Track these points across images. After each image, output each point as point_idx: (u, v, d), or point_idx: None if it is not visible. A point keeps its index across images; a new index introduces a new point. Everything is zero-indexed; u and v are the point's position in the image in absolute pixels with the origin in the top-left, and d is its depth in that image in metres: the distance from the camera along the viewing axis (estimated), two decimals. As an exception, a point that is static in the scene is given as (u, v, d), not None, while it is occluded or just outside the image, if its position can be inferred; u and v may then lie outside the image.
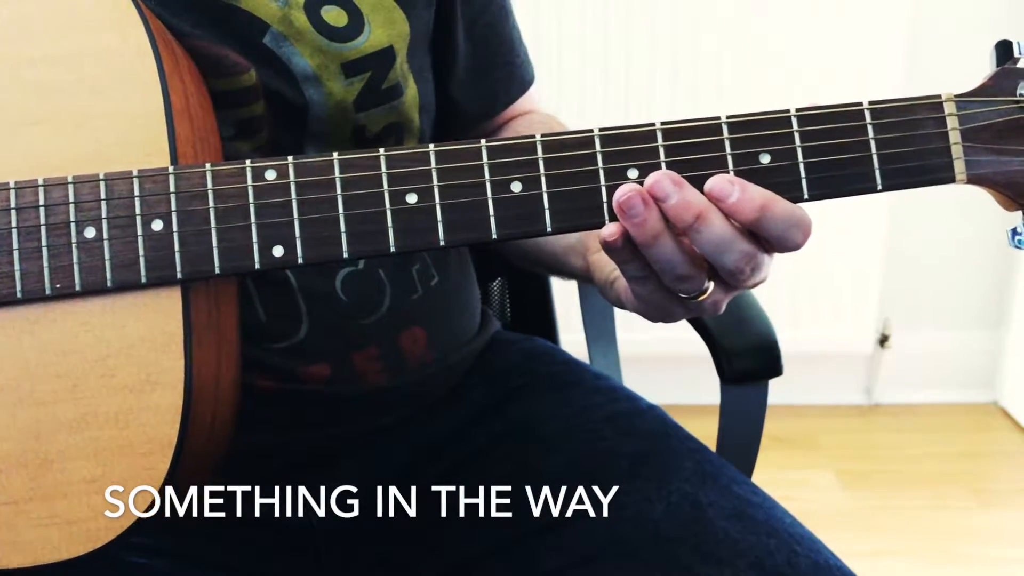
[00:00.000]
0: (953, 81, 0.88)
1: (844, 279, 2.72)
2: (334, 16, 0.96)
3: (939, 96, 0.81)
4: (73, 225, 0.78)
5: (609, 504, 0.97)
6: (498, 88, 1.17)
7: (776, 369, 1.19)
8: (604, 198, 0.79)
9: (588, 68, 2.59)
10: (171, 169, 0.79)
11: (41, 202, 0.78)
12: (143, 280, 0.78)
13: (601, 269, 0.93)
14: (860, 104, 0.80)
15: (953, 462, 2.68)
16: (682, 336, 1.27)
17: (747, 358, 1.19)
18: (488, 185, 0.78)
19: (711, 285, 0.81)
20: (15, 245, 0.78)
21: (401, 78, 1.01)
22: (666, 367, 2.45)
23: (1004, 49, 0.82)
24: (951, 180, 0.81)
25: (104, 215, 0.78)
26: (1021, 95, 0.81)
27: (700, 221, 0.77)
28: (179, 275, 0.78)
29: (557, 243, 1.02)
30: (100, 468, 0.78)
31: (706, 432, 1.15)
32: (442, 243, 0.78)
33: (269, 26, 0.93)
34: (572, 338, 1.42)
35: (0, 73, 0.81)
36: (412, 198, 0.78)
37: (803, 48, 2.56)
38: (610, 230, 0.77)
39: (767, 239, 0.79)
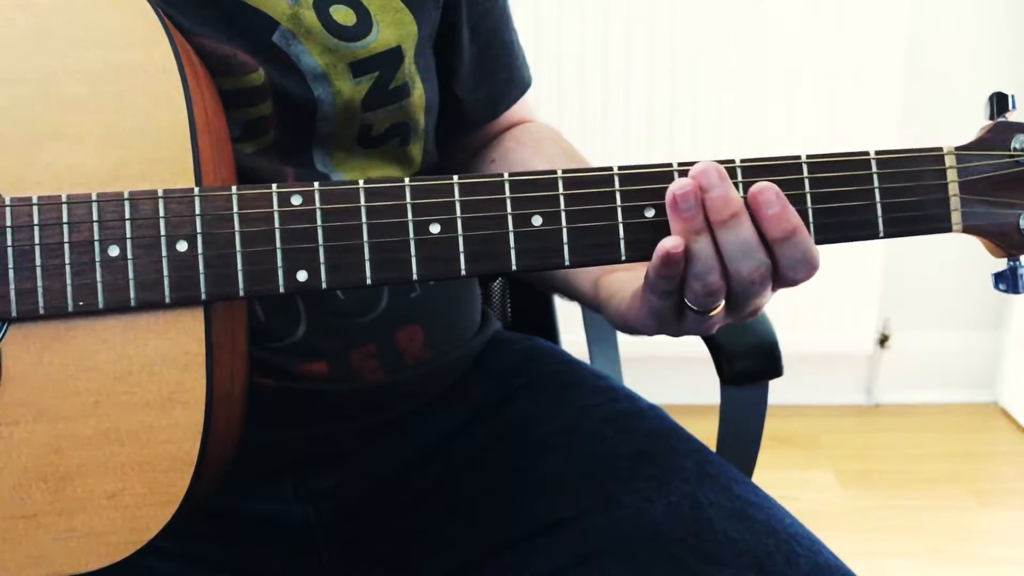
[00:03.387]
0: (953, 80, 0.88)
1: (845, 279, 2.72)
2: (343, 15, 0.96)
3: (940, 149, 0.84)
4: (97, 243, 0.78)
5: (610, 504, 0.97)
6: (501, 90, 1.17)
7: (776, 370, 1.20)
8: (621, 235, 0.81)
9: (588, 74, 2.58)
10: (197, 191, 0.79)
11: (64, 219, 0.78)
12: (167, 300, 0.78)
13: (608, 287, 0.95)
14: (867, 153, 0.83)
15: (953, 462, 2.68)
16: (684, 336, 1.27)
17: (747, 359, 1.20)
18: (510, 218, 0.79)
19: (723, 302, 0.83)
20: (38, 262, 0.78)
21: (408, 78, 1.01)
22: (666, 367, 2.45)
23: (999, 101, 0.85)
24: (948, 230, 0.85)
25: (128, 234, 0.78)
26: (1015, 149, 0.84)
27: (735, 219, 0.80)
28: (203, 296, 0.79)
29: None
30: (120, 484, 0.79)
31: (706, 432, 1.16)
32: (463, 273, 0.79)
33: (278, 24, 0.93)
34: (573, 338, 1.42)
35: (25, 87, 0.80)
36: (435, 228, 0.79)
37: (803, 50, 2.56)
38: (675, 241, 0.79)
39: (779, 265, 0.81)
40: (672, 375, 2.46)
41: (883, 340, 2.87)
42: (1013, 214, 0.84)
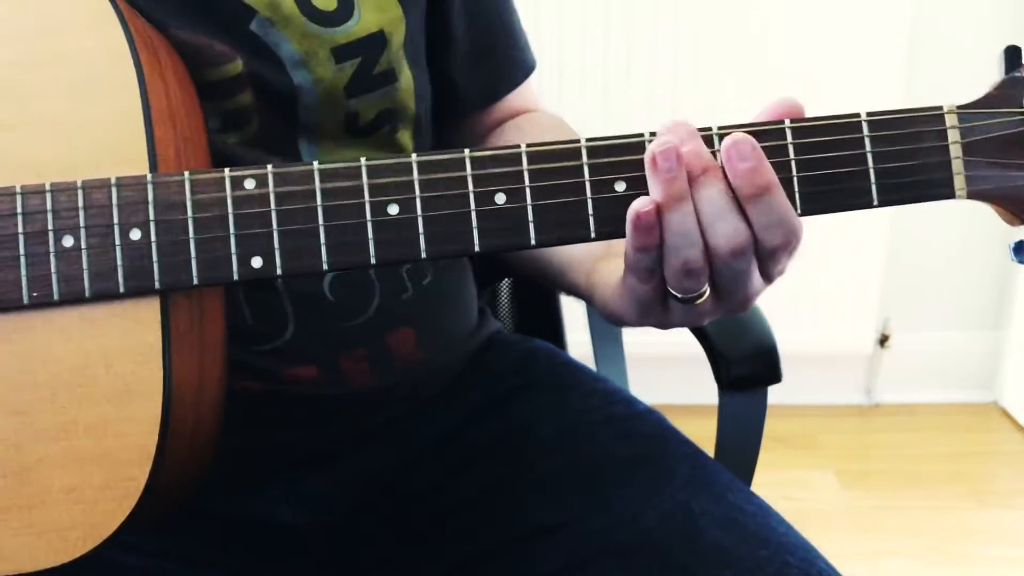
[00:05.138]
0: (954, 81, 0.85)
1: (844, 279, 2.72)
2: (323, 0, 0.95)
3: (940, 108, 0.78)
4: (51, 234, 0.77)
5: (603, 509, 0.96)
6: (500, 72, 1.15)
7: (775, 375, 1.18)
8: (590, 211, 0.77)
9: (588, 67, 2.58)
10: (149, 177, 0.77)
11: (18, 210, 0.77)
12: (121, 290, 0.77)
13: (598, 275, 0.92)
14: (858, 116, 0.78)
15: (953, 462, 2.68)
16: (687, 337, 1.25)
17: (746, 364, 1.18)
18: (471, 196, 0.77)
19: (707, 289, 0.78)
20: (-7, 254, 0.77)
21: (395, 64, 1.00)
22: (671, 367, 2.43)
23: (1012, 55, 0.79)
24: (951, 196, 0.78)
25: (82, 223, 0.77)
26: None
27: (705, 175, 0.75)
28: (157, 285, 0.77)
29: (561, 258, 1.01)
30: (79, 478, 0.78)
31: (709, 432, 1.15)
32: (424, 255, 0.77)
33: (256, 12, 0.92)
34: (579, 338, 1.41)
35: None
36: (394, 209, 0.77)
37: (805, 39, 2.56)
38: (643, 201, 0.75)
39: (754, 229, 0.76)
40: (676, 375, 2.44)
41: (883, 340, 2.86)
42: None
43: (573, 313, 1.41)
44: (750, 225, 0.76)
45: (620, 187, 0.77)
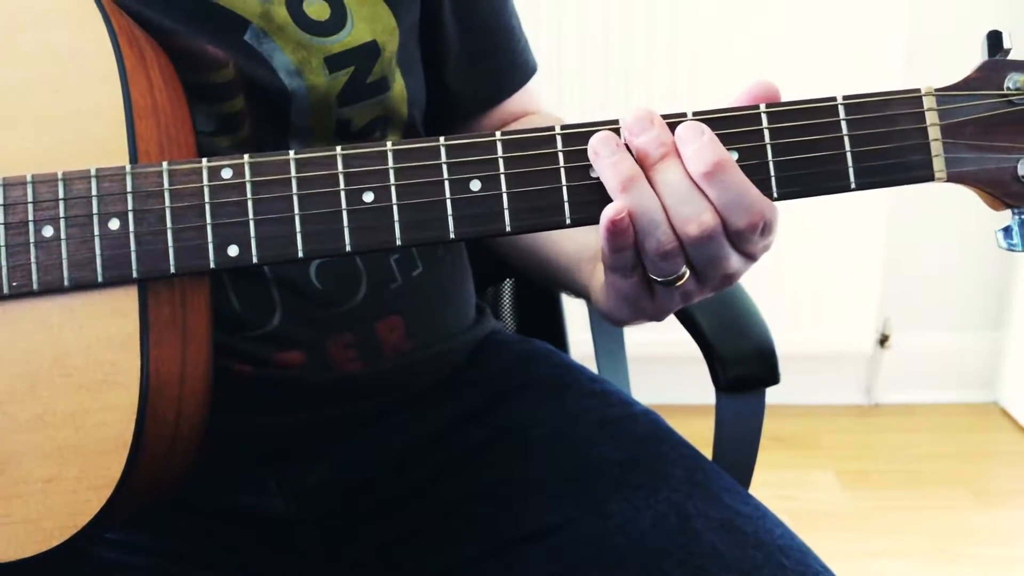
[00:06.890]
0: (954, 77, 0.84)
1: (844, 279, 2.71)
2: (316, 10, 0.95)
3: (918, 90, 0.78)
4: (31, 224, 0.78)
5: (597, 512, 0.96)
6: (501, 75, 1.15)
7: (774, 377, 1.16)
8: (565, 197, 0.78)
9: (588, 65, 2.58)
10: (128, 168, 0.78)
11: (0, 201, 0.78)
12: (99, 279, 0.78)
13: (593, 277, 0.93)
14: (834, 99, 0.78)
15: (953, 462, 2.67)
16: (687, 337, 1.24)
17: (743, 365, 1.16)
18: (446, 184, 0.77)
19: (687, 271, 0.79)
20: (-26, 244, 0.78)
21: (388, 72, 1.00)
22: (671, 367, 2.43)
23: (994, 39, 0.79)
24: (929, 179, 0.78)
25: (62, 214, 0.78)
26: (1009, 88, 0.77)
27: (664, 160, 0.76)
28: (135, 274, 0.78)
29: (568, 257, 1.01)
30: (56, 468, 0.78)
31: (710, 433, 1.15)
32: (399, 243, 0.77)
33: (249, 23, 0.93)
34: (581, 338, 1.41)
35: None
36: (369, 197, 0.77)
37: (803, 42, 2.56)
38: (616, 207, 0.75)
39: (718, 208, 0.76)
40: (676, 375, 2.43)
41: (883, 340, 2.86)
42: (1009, 159, 0.77)
43: (574, 313, 1.41)
44: (714, 207, 0.76)
45: (595, 173, 0.78)
